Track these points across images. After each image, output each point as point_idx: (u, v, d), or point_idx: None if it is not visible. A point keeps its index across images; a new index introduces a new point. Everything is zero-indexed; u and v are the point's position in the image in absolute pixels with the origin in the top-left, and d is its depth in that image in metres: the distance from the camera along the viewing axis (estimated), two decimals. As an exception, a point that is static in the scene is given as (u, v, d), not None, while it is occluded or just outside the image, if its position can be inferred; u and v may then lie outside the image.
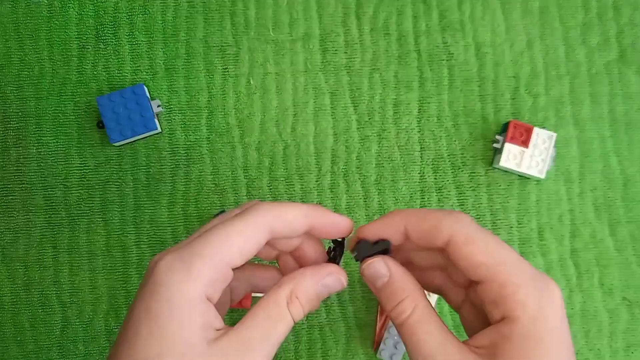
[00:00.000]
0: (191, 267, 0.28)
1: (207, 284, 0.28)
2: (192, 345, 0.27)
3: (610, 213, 0.50)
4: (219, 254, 0.28)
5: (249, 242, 0.29)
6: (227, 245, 0.29)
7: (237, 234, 0.29)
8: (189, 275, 0.28)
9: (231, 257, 0.29)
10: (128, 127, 0.47)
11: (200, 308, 0.28)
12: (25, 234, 0.49)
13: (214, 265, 0.28)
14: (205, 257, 0.28)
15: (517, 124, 0.47)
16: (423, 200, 0.49)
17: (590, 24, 0.51)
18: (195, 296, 0.27)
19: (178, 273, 0.28)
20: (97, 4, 0.50)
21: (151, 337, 0.27)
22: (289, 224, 0.30)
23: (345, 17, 0.51)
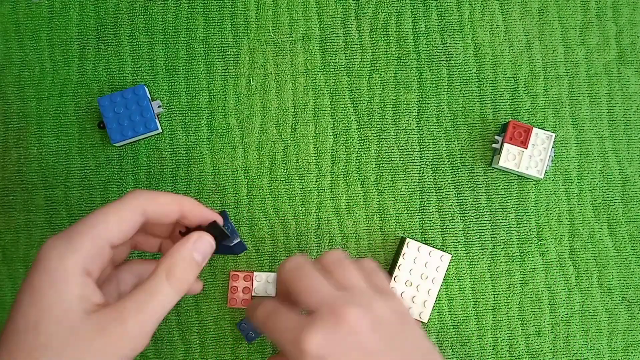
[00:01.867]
0: (70, 242, 0.31)
1: (85, 257, 0.31)
2: (69, 312, 0.29)
3: (609, 213, 0.50)
4: (97, 231, 0.31)
5: (125, 221, 0.32)
6: (104, 223, 0.32)
7: (113, 214, 0.32)
8: (67, 249, 0.30)
9: (108, 234, 0.32)
10: (129, 128, 0.47)
11: (78, 280, 0.30)
12: (26, 234, 0.49)
13: (92, 241, 0.31)
14: (83, 234, 0.31)
15: (516, 124, 0.48)
16: (422, 200, 0.50)
17: (589, 25, 0.51)
18: (73, 268, 0.30)
19: (58, 248, 0.30)
20: (97, 5, 0.51)
21: (30, 306, 0.29)
22: (160, 207, 0.34)
23: (344, 18, 0.51)
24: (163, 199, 0.34)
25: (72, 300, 0.30)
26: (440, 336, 0.48)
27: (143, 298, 0.31)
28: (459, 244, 0.49)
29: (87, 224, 0.32)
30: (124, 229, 0.32)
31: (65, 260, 0.30)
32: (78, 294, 0.30)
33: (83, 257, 0.31)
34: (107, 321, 0.30)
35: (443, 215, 0.49)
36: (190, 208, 0.35)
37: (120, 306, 0.31)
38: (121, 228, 0.32)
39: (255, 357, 0.48)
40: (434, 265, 0.47)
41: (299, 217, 0.49)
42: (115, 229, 0.32)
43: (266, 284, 0.47)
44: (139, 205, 0.33)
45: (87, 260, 0.31)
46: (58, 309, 0.29)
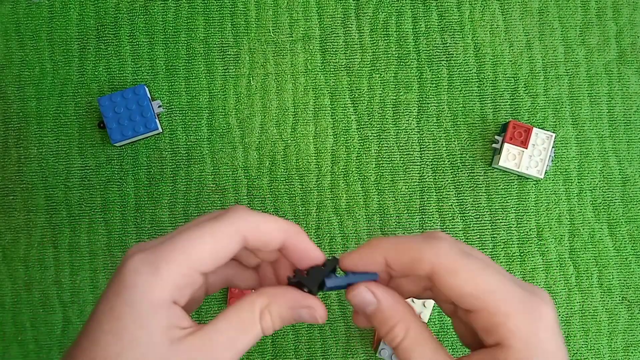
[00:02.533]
0: (158, 272, 0.27)
1: (173, 289, 0.27)
2: (154, 345, 0.27)
3: (609, 213, 0.50)
4: (188, 260, 0.28)
5: (221, 250, 0.28)
6: (196, 250, 0.28)
7: (208, 239, 0.28)
8: (154, 279, 0.27)
9: (201, 263, 0.28)
10: (129, 128, 0.47)
11: (165, 312, 0.27)
12: (26, 233, 0.49)
13: (182, 271, 0.28)
14: (173, 263, 0.27)
15: (516, 124, 0.48)
16: (422, 200, 0.50)
17: (589, 24, 0.51)
18: (160, 301, 0.27)
19: (144, 276, 0.27)
20: (98, 5, 0.51)
21: (112, 337, 0.27)
22: (262, 236, 0.29)
23: (345, 18, 0.51)
24: (266, 227, 0.29)
25: (157, 332, 0.27)
26: (440, 336, 0.48)
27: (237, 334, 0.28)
28: (459, 244, 0.49)
29: (177, 249, 0.28)
30: (218, 257, 0.28)
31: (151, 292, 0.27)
32: (164, 325, 0.27)
33: (170, 289, 0.27)
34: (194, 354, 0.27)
35: (443, 215, 0.49)
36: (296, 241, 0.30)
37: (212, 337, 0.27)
38: (215, 257, 0.28)
39: (255, 357, 0.48)
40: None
41: (299, 217, 0.49)
42: (209, 257, 0.28)
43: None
44: (239, 232, 0.29)
45: (176, 291, 0.28)
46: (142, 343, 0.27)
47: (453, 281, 0.27)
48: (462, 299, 0.27)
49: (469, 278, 0.27)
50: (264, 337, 0.48)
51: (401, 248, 0.29)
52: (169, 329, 0.27)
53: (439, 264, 0.28)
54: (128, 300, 0.27)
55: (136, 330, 0.27)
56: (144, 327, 0.27)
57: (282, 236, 0.30)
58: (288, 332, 0.48)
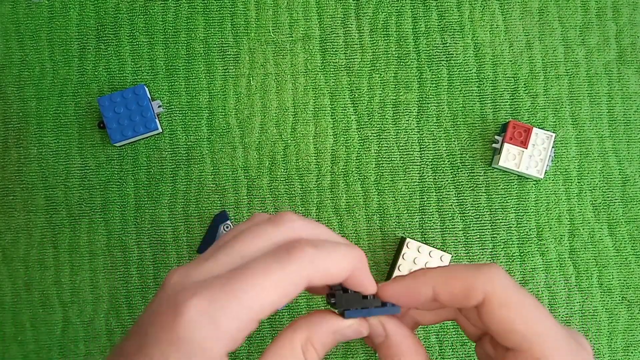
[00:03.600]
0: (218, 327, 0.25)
1: (230, 341, 0.26)
2: None
3: (609, 213, 0.50)
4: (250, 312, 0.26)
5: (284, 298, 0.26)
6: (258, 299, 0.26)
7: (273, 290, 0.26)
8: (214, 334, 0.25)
9: (262, 312, 0.26)
10: (129, 128, 0.47)
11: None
12: (26, 233, 0.49)
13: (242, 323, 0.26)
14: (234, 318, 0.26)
15: (516, 124, 0.48)
16: (422, 200, 0.50)
17: (589, 25, 0.51)
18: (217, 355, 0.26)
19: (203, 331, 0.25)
20: (98, 5, 0.51)
21: None
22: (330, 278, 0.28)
23: (345, 18, 0.51)
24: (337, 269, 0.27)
25: None
26: (440, 336, 0.48)
27: None
28: (459, 244, 0.49)
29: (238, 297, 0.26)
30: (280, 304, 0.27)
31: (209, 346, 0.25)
32: None
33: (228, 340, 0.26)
34: None
35: (443, 215, 0.49)
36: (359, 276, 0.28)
37: None
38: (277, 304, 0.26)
39: (255, 357, 0.48)
40: (434, 265, 0.47)
41: (299, 217, 0.49)
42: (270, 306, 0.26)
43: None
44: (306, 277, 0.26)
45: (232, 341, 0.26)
46: None
47: (505, 314, 0.26)
48: (509, 334, 0.26)
49: (522, 314, 0.26)
50: (263, 337, 0.48)
51: (451, 275, 0.28)
52: None
53: (493, 294, 0.26)
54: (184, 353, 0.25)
55: None
56: None
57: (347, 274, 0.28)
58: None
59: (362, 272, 0.28)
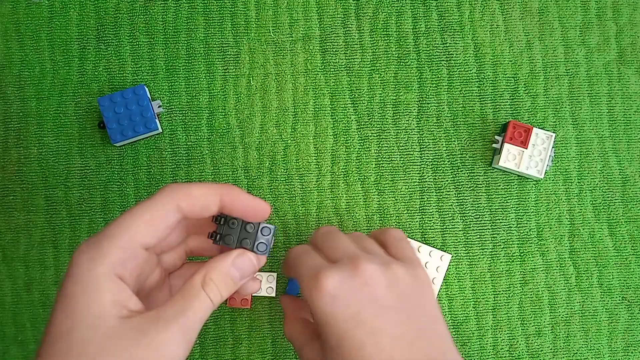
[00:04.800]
0: (99, 247, 0.29)
1: (115, 262, 0.29)
2: (103, 318, 0.28)
3: (609, 213, 0.50)
4: (127, 234, 0.29)
5: (157, 220, 0.30)
6: (135, 224, 0.30)
7: (144, 213, 0.30)
8: (96, 254, 0.29)
9: (140, 236, 0.30)
10: (129, 128, 0.47)
11: (111, 285, 0.29)
12: (26, 233, 0.49)
13: (122, 245, 0.29)
14: (113, 238, 0.29)
15: (516, 124, 0.48)
16: (422, 200, 0.50)
17: (589, 24, 0.51)
18: (104, 273, 0.29)
19: (87, 253, 0.29)
20: (98, 5, 0.51)
21: (63, 314, 0.28)
22: (197, 200, 0.31)
23: (345, 18, 0.51)
24: (197, 191, 0.31)
25: (105, 306, 0.28)
26: (440, 336, 0.48)
27: (183, 304, 0.30)
28: (459, 244, 0.49)
29: (116, 227, 0.30)
30: (156, 228, 0.31)
31: (95, 265, 0.29)
32: (111, 299, 0.28)
33: (113, 261, 0.29)
34: (145, 327, 0.28)
35: (443, 215, 0.49)
36: (232, 198, 0.32)
37: (159, 313, 0.29)
38: (153, 228, 0.30)
39: (255, 357, 0.48)
40: (434, 265, 0.47)
41: (299, 217, 0.49)
42: (146, 229, 0.30)
43: (266, 283, 0.47)
44: (172, 201, 0.31)
45: (118, 264, 0.29)
46: (91, 314, 0.28)
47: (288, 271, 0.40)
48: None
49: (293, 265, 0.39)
50: (264, 337, 0.48)
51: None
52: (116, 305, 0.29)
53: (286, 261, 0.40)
54: (75, 278, 0.29)
55: (84, 304, 0.28)
56: (91, 298, 0.28)
57: (216, 197, 0.32)
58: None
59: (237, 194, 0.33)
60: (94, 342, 0.27)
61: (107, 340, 0.28)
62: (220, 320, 0.48)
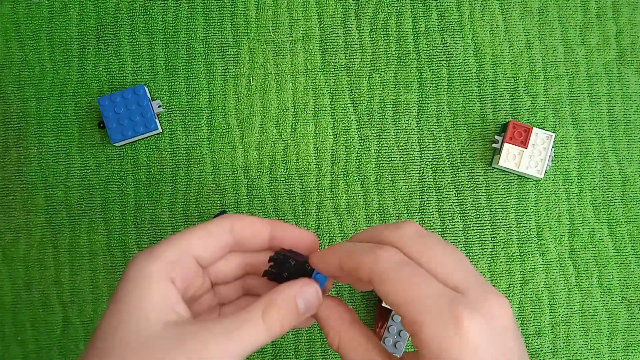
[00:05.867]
0: (153, 250, 0.30)
1: (167, 263, 0.29)
2: (148, 320, 0.28)
3: (609, 213, 0.50)
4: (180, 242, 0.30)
5: (211, 236, 0.31)
6: (188, 236, 0.31)
7: (198, 227, 0.31)
8: (150, 255, 0.29)
9: (193, 246, 0.31)
10: (129, 128, 0.47)
11: (161, 285, 0.29)
12: (26, 233, 0.49)
13: (175, 249, 0.30)
14: (166, 244, 0.30)
15: (516, 124, 0.48)
16: (422, 200, 0.50)
17: (589, 25, 0.51)
18: (157, 273, 0.29)
19: (143, 255, 0.30)
20: (97, 5, 0.51)
21: (112, 313, 0.28)
22: (250, 226, 0.32)
23: (344, 18, 0.51)
24: (251, 218, 0.33)
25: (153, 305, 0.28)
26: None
27: (232, 325, 0.28)
28: (459, 244, 0.49)
29: (171, 237, 0.31)
30: (210, 243, 0.31)
31: (147, 266, 0.29)
32: (160, 299, 0.28)
33: (166, 263, 0.29)
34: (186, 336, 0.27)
35: (443, 215, 0.49)
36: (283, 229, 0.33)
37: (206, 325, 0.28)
38: (207, 242, 0.31)
39: (255, 356, 0.48)
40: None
41: (299, 217, 0.49)
42: (201, 242, 0.31)
43: (266, 284, 0.47)
44: (227, 223, 0.32)
45: (170, 266, 0.29)
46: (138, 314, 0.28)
47: (383, 289, 0.28)
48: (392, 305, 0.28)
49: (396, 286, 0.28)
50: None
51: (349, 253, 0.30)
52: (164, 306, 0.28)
53: (374, 273, 0.28)
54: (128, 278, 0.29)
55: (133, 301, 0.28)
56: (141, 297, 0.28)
57: (267, 225, 0.33)
58: (288, 333, 0.48)
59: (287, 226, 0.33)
60: (133, 343, 0.27)
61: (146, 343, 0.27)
62: (220, 320, 0.48)
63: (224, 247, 0.32)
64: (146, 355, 0.27)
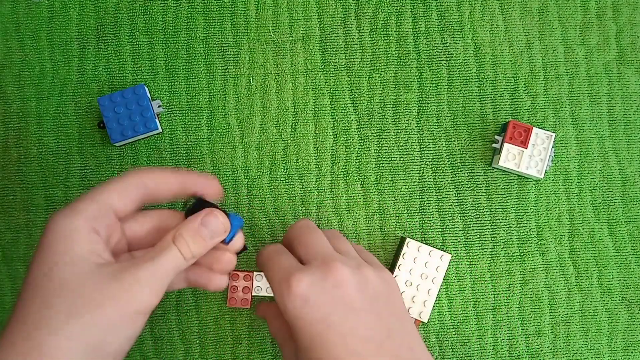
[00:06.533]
0: (74, 207, 0.32)
1: (91, 217, 0.32)
2: (82, 260, 0.30)
3: (609, 213, 0.50)
4: (100, 197, 0.33)
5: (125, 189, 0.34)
6: (106, 191, 0.34)
7: (113, 182, 0.35)
8: (72, 211, 0.32)
9: (110, 199, 0.34)
10: (129, 127, 0.47)
11: (87, 236, 0.31)
12: (26, 233, 0.49)
13: (94, 203, 0.33)
14: (86, 199, 0.33)
15: (516, 124, 0.48)
16: (422, 200, 0.50)
17: (589, 24, 0.51)
18: (81, 225, 0.31)
19: (64, 211, 0.32)
20: (97, 4, 0.51)
21: (42, 260, 0.30)
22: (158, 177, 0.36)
23: (344, 18, 0.51)
24: (159, 168, 0.37)
25: (83, 251, 0.31)
26: (440, 336, 0.48)
27: (152, 255, 0.32)
28: (459, 243, 0.49)
29: (90, 192, 0.34)
30: (124, 195, 0.34)
31: (72, 219, 0.31)
32: (88, 247, 0.31)
33: (88, 217, 0.32)
34: (118, 272, 0.31)
35: (443, 215, 0.49)
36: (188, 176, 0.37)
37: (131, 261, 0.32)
38: (121, 195, 0.34)
39: (255, 357, 0.48)
40: (434, 265, 0.47)
41: (299, 217, 0.49)
42: (116, 195, 0.34)
43: (266, 283, 0.47)
44: (137, 176, 0.35)
45: (93, 219, 0.32)
46: (70, 257, 0.30)
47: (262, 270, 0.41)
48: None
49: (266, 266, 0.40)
50: (263, 337, 0.48)
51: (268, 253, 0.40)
52: (93, 253, 0.31)
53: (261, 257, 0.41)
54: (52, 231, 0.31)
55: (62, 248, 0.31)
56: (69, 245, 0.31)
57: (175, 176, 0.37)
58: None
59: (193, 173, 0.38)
60: (72, 279, 0.30)
61: (85, 279, 0.30)
62: (220, 320, 0.48)
63: (140, 200, 0.35)
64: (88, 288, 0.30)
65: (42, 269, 0.30)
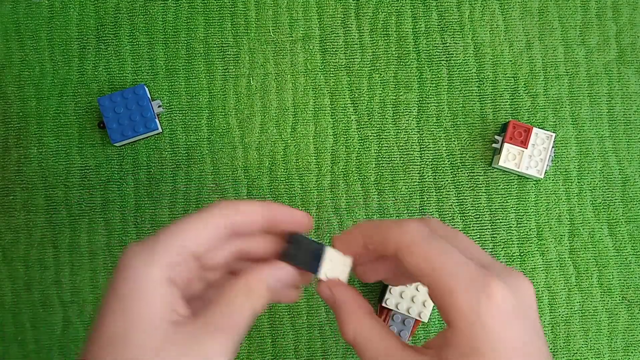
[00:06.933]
0: (152, 251, 0.29)
1: (168, 266, 0.29)
2: (159, 322, 0.28)
3: (609, 213, 0.50)
4: (179, 240, 0.30)
5: (208, 228, 0.31)
6: (185, 231, 0.31)
7: (195, 220, 0.31)
8: (151, 258, 0.29)
9: (190, 242, 0.30)
10: (129, 128, 0.47)
11: (164, 290, 0.29)
12: (26, 233, 0.49)
13: (174, 250, 0.30)
14: (166, 242, 0.30)
15: (516, 124, 0.48)
16: (422, 200, 0.50)
17: (589, 24, 0.51)
18: (159, 276, 0.29)
19: (141, 256, 0.29)
20: (98, 5, 0.51)
21: (117, 316, 0.28)
22: (244, 213, 0.32)
23: (344, 18, 0.51)
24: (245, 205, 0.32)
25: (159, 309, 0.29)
26: (440, 336, 0.48)
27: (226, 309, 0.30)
28: (459, 243, 0.49)
29: (168, 232, 0.30)
30: (207, 235, 0.31)
31: (149, 269, 0.29)
32: (164, 303, 0.29)
33: (167, 265, 0.29)
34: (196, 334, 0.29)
35: (443, 215, 0.49)
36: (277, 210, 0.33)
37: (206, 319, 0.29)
38: (204, 234, 0.31)
39: (256, 357, 0.48)
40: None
41: (299, 217, 0.49)
42: (198, 235, 0.31)
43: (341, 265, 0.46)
44: (222, 213, 0.32)
45: (171, 269, 0.30)
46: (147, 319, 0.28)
47: (410, 259, 0.29)
48: (420, 276, 0.29)
49: (424, 256, 0.28)
50: (263, 337, 0.48)
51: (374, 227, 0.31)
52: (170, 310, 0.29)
53: (401, 243, 0.29)
54: (129, 280, 0.29)
55: (139, 307, 0.28)
56: (146, 301, 0.29)
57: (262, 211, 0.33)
58: (288, 332, 0.48)
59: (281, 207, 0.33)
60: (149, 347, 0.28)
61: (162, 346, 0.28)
62: (220, 320, 0.48)
63: (221, 239, 0.32)
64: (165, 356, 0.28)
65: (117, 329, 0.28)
